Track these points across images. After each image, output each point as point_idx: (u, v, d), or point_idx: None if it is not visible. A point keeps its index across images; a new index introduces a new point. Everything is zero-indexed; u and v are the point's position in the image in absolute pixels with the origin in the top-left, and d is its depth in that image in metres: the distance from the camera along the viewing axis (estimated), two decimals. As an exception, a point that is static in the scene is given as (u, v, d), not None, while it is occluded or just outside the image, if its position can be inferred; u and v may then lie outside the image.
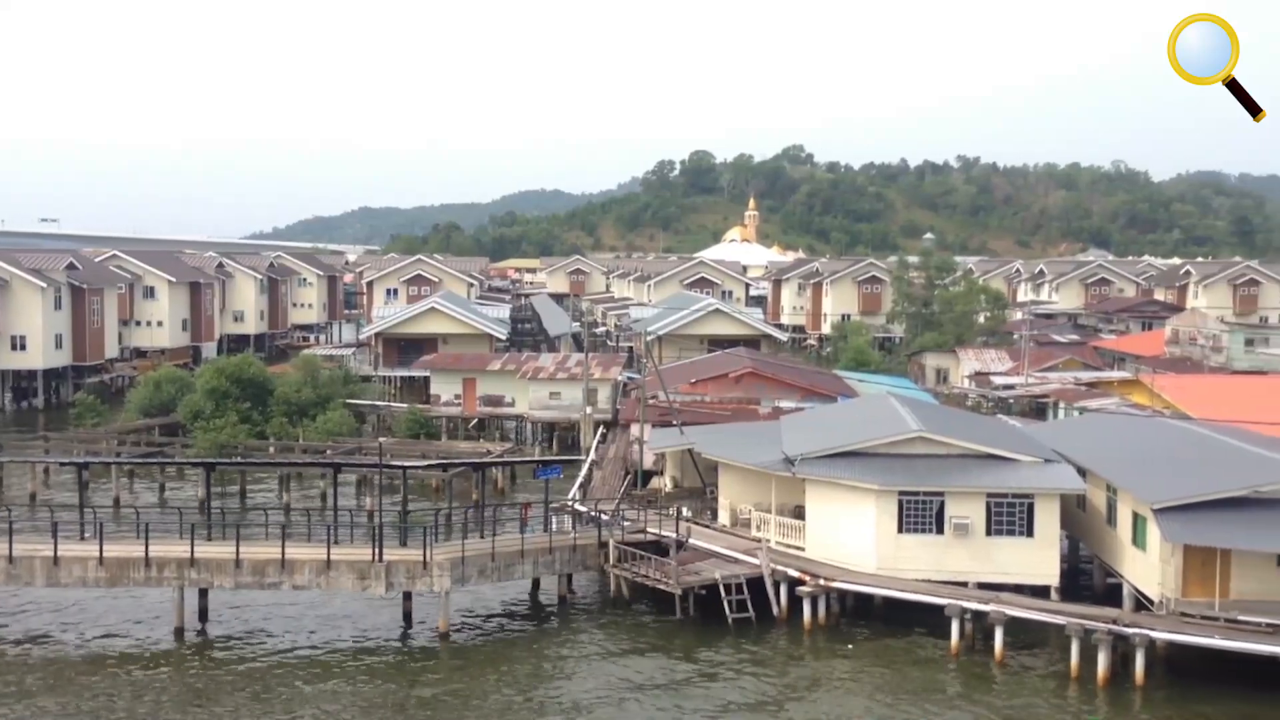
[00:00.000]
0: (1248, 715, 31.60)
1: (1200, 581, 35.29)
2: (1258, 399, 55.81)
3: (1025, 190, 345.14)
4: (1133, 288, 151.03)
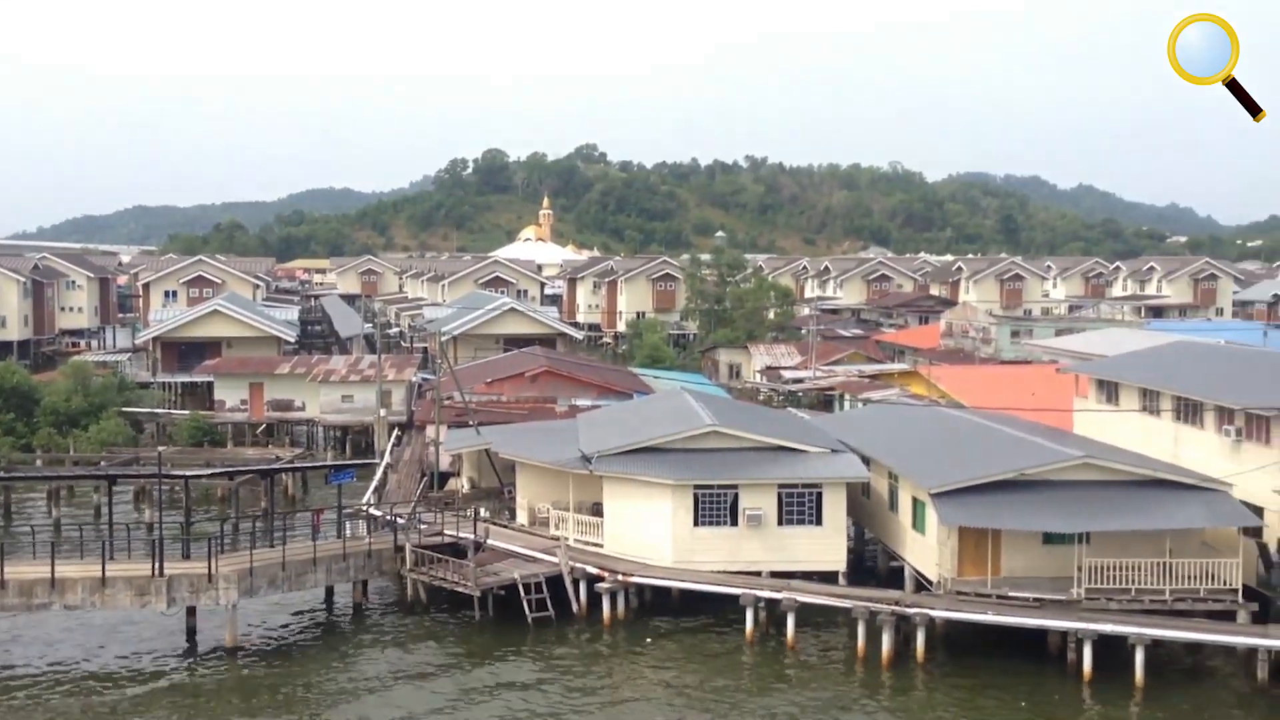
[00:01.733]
0: (1018, 684, 33.52)
1: (974, 561, 37.25)
2: (1023, 387, 59.33)
3: (811, 190, 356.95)
4: (911, 283, 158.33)
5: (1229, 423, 40.44)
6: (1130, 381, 48.19)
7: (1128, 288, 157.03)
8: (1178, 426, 44.04)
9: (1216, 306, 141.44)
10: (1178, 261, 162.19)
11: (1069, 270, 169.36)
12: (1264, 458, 37.90)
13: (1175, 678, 34.11)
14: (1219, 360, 50.23)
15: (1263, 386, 41.11)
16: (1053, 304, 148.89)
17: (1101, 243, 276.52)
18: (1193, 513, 36.21)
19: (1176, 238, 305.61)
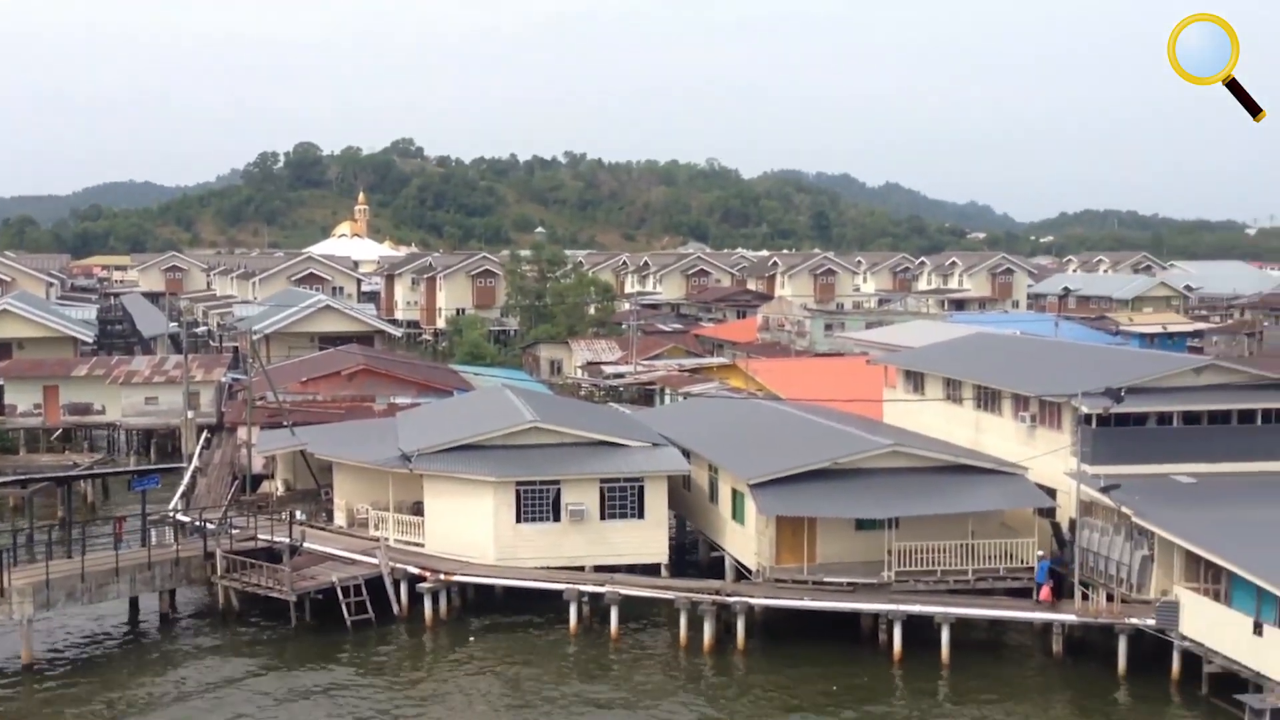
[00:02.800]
0: (832, 666, 34.57)
1: (792, 549, 38.23)
2: (837, 378, 61.14)
3: (630, 185, 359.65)
4: (728, 278, 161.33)
5: (1024, 409, 42.59)
6: (935, 372, 50.24)
7: (932, 282, 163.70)
8: (978, 414, 46.16)
9: (1013, 299, 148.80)
10: (977, 257, 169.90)
11: (878, 265, 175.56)
12: (1056, 442, 40.07)
13: (979, 653, 35.75)
14: (1015, 350, 52.89)
15: (1054, 375, 43.42)
16: (863, 298, 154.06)
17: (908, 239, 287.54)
18: (993, 496, 38.04)
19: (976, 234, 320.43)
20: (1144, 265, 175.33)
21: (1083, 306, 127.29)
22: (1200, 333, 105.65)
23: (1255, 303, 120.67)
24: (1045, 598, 35.75)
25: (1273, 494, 36.75)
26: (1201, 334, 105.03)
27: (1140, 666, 33.36)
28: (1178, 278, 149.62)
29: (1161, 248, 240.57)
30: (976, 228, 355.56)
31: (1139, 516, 35.27)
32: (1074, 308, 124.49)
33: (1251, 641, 30.18)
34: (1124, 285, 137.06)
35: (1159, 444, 38.84)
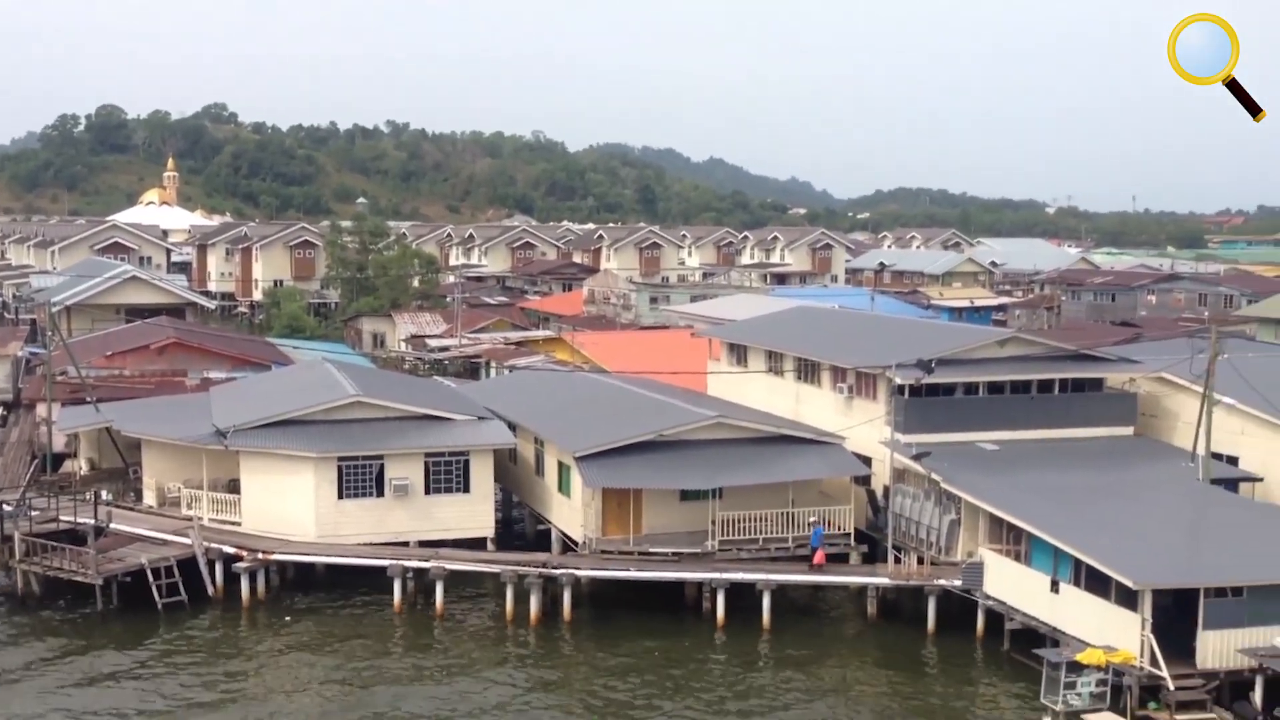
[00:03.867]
0: (657, 634, 35.06)
1: (617, 521, 38.53)
2: (662, 351, 61.80)
3: (454, 157, 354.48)
4: (554, 251, 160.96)
5: (842, 381, 43.89)
6: (757, 344, 51.28)
7: (755, 256, 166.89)
8: (799, 385, 47.35)
9: (832, 274, 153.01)
10: (798, 232, 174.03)
11: (702, 239, 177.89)
12: (872, 412, 41.45)
13: (798, 618, 36.81)
14: (834, 324, 54.42)
15: (871, 347, 44.88)
16: (688, 271, 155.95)
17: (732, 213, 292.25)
18: (812, 465, 39.14)
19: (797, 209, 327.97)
20: (953, 242, 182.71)
21: (897, 281, 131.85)
22: (1004, 306, 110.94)
23: (1054, 278, 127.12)
24: (819, 561, 36.72)
25: (1069, 459, 38.93)
26: (1005, 308, 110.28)
27: (948, 625, 34.92)
28: (984, 254, 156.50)
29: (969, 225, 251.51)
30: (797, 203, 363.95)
31: (947, 483, 36.85)
32: (889, 282, 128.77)
33: (1049, 599, 31.93)
34: (935, 261, 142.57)
35: (966, 413, 40.63)
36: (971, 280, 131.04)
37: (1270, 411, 38.44)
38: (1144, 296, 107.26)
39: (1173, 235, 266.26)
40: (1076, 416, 41.29)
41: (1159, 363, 43.34)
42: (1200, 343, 40.81)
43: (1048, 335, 60.29)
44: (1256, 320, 78.79)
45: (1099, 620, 29.93)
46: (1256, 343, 61.84)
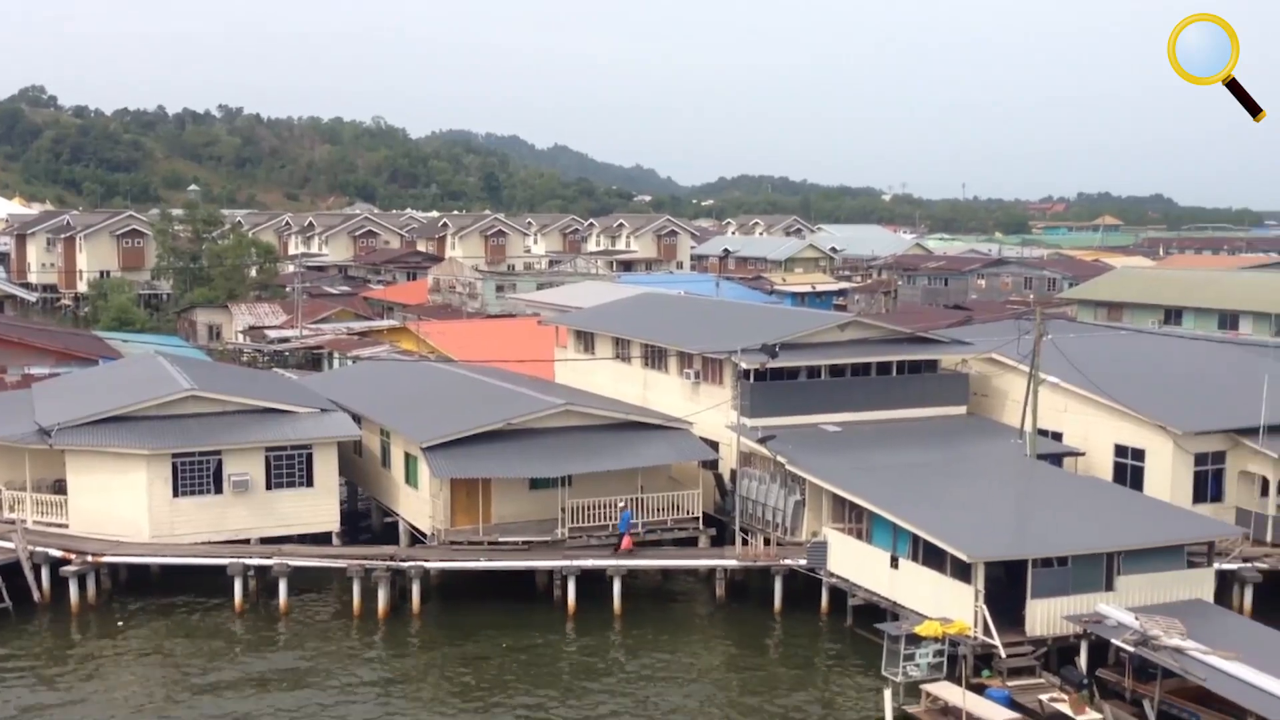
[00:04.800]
0: (508, 624, 34.89)
1: (466, 511, 38.19)
2: (509, 340, 61.37)
3: (291, 143, 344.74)
4: (398, 239, 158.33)
5: (689, 366, 44.36)
6: (604, 331, 51.41)
7: (601, 243, 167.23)
8: (646, 372, 47.67)
9: (677, 260, 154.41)
10: (644, 219, 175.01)
11: (548, 227, 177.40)
12: (718, 397, 42.02)
13: (649, 602, 37.12)
14: (680, 310, 54.94)
15: (716, 333, 45.47)
16: (534, 259, 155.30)
17: (577, 200, 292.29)
18: (661, 451, 39.48)
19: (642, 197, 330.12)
20: (795, 228, 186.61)
21: (741, 267, 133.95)
22: (844, 291, 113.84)
23: (890, 263, 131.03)
24: (627, 546, 36.87)
25: (907, 439, 40.20)
26: (845, 292, 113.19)
27: (794, 603, 35.71)
28: (824, 240, 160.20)
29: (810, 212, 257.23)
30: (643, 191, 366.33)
31: (792, 465, 37.64)
32: (733, 268, 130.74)
33: (889, 575, 32.95)
34: (778, 247, 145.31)
35: (809, 396, 41.54)
36: (813, 266, 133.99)
37: (1090, 389, 40.41)
38: (974, 281, 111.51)
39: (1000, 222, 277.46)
40: (913, 397, 42.65)
41: (988, 344, 45.09)
42: (1026, 324, 42.56)
43: (885, 319, 62.05)
44: (1077, 302, 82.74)
45: (936, 593, 31.02)
46: (1077, 324, 64.97)
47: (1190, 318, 74.36)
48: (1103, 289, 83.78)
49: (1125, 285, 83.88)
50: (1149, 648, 27.66)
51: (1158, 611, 29.40)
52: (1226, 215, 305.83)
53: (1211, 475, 38.76)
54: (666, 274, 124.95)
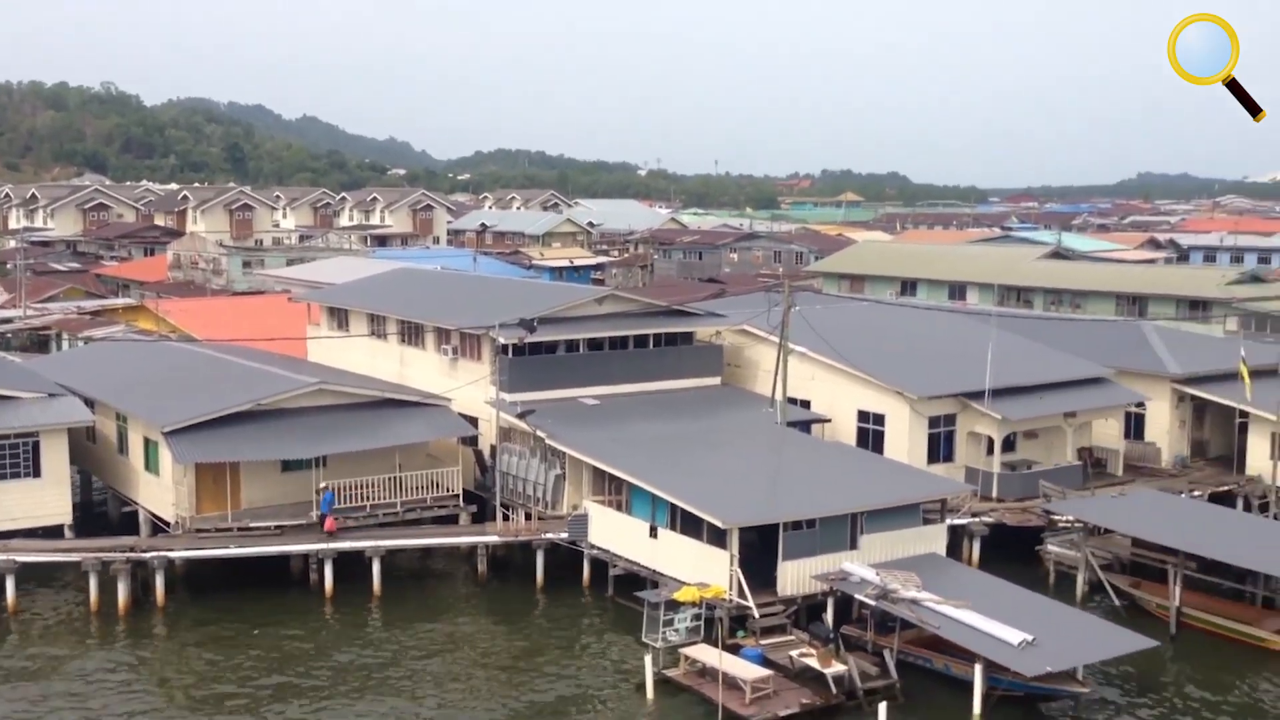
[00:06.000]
0: (262, 611, 33.64)
1: (214, 497, 36.55)
2: (257, 317, 59.02)
3: (10, 109, 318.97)
4: (133, 213, 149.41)
5: (446, 342, 43.81)
6: (359, 308, 50.10)
7: (354, 218, 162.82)
8: (403, 348, 46.78)
9: (434, 235, 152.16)
10: (398, 193, 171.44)
11: (298, 200, 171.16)
12: (477, 373, 41.70)
13: (410, 582, 36.57)
14: (437, 285, 54.18)
15: (474, 308, 45.04)
16: (283, 234, 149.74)
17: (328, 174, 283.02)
18: (418, 428, 38.89)
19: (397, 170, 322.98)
20: (552, 203, 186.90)
21: (499, 242, 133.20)
22: (602, 265, 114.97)
23: (647, 237, 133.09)
24: (329, 529, 35.74)
25: (664, 410, 41.03)
26: (603, 266, 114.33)
27: (556, 577, 35.94)
28: (582, 215, 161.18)
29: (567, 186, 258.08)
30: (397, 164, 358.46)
31: (551, 439, 37.80)
32: (491, 243, 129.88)
33: (649, 544, 33.61)
34: (535, 222, 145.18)
35: (568, 370, 41.79)
36: (571, 240, 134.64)
37: (835, 358, 42.31)
38: (727, 254, 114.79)
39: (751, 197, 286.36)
40: (670, 369, 43.55)
41: (741, 316, 46.50)
42: (776, 297, 44.13)
43: (642, 293, 63.11)
44: (823, 275, 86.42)
45: (694, 560, 31.86)
46: (824, 295, 67.86)
47: (924, 289, 78.99)
48: (846, 262, 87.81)
49: (866, 258, 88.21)
50: (888, 601, 29.30)
51: (897, 566, 31.19)
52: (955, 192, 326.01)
53: (944, 437, 41.34)
54: (423, 249, 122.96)
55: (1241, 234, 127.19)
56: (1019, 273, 75.99)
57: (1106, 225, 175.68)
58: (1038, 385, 42.58)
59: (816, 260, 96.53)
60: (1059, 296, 72.08)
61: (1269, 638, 31.45)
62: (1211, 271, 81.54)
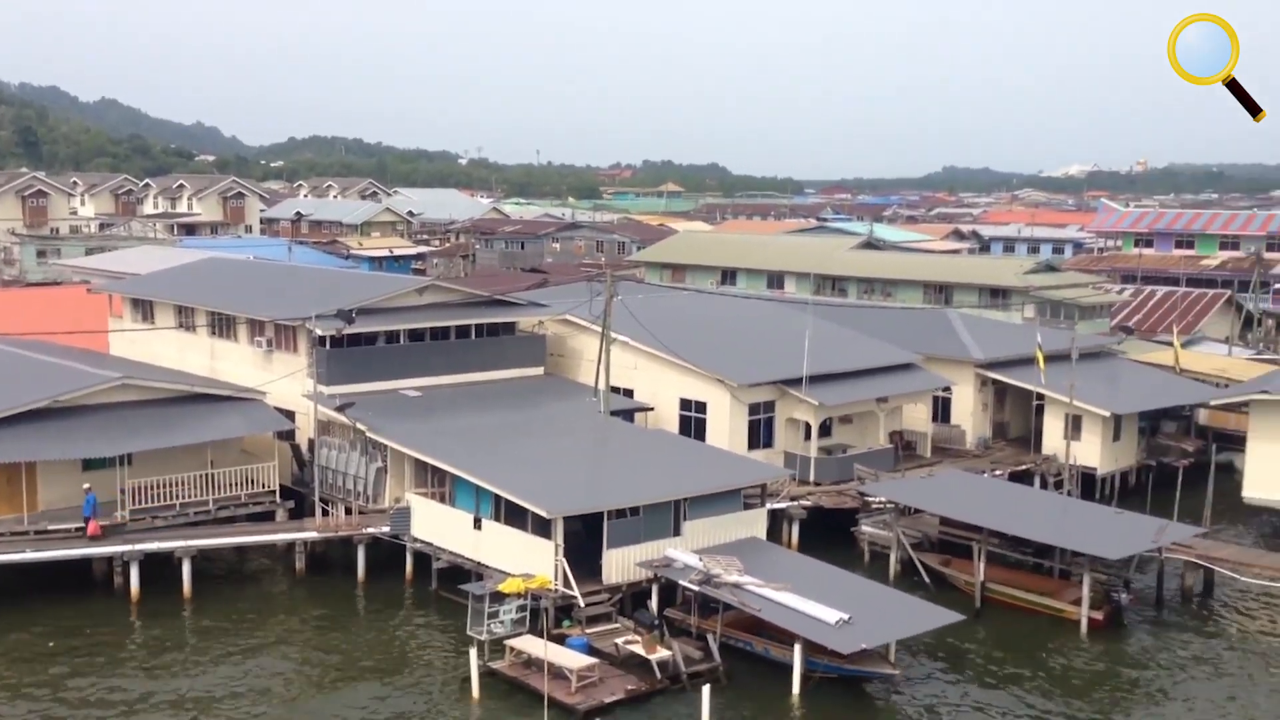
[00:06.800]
0: (63, 619, 31.96)
1: (7, 499, 34.57)
2: (54, 310, 55.95)
3: None
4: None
5: (260, 334, 42.39)
6: (166, 299, 48.02)
7: (159, 205, 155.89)
8: (214, 341, 45.06)
9: (246, 224, 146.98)
10: (207, 180, 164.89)
11: (98, 187, 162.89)
12: (293, 365, 40.49)
13: (224, 583, 35.32)
14: (250, 275, 52.35)
15: (290, 299, 43.73)
16: (82, 222, 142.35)
17: (130, 159, 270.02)
18: (231, 423, 37.56)
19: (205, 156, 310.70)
20: (371, 192, 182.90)
21: (315, 231, 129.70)
22: (423, 255, 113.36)
23: (468, 227, 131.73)
24: (93, 533, 34.09)
25: (487, 401, 40.72)
26: (424, 256, 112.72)
27: (379, 572, 35.28)
28: (401, 204, 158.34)
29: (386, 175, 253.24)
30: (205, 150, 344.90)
31: (372, 432, 37.06)
32: (307, 232, 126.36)
33: (473, 536, 33.32)
34: (353, 211, 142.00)
35: (389, 361, 41.01)
36: (390, 230, 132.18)
37: (657, 347, 42.75)
38: (549, 244, 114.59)
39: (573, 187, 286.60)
40: (492, 360, 43.20)
41: (563, 306, 46.50)
42: (598, 287, 44.27)
43: (464, 283, 62.36)
44: (645, 264, 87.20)
45: (519, 551, 31.73)
46: (646, 285, 68.51)
47: (743, 278, 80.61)
48: (667, 252, 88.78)
49: (687, 248, 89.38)
50: (711, 585, 29.81)
51: (719, 551, 31.77)
52: (773, 183, 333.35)
53: (763, 423, 42.28)
54: (234, 238, 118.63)
55: (1038, 226, 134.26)
56: (834, 262, 78.27)
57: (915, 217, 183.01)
58: (852, 372, 43.96)
59: (638, 250, 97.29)
60: (871, 285, 74.59)
61: (1066, 608, 33.27)
62: (1010, 261, 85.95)
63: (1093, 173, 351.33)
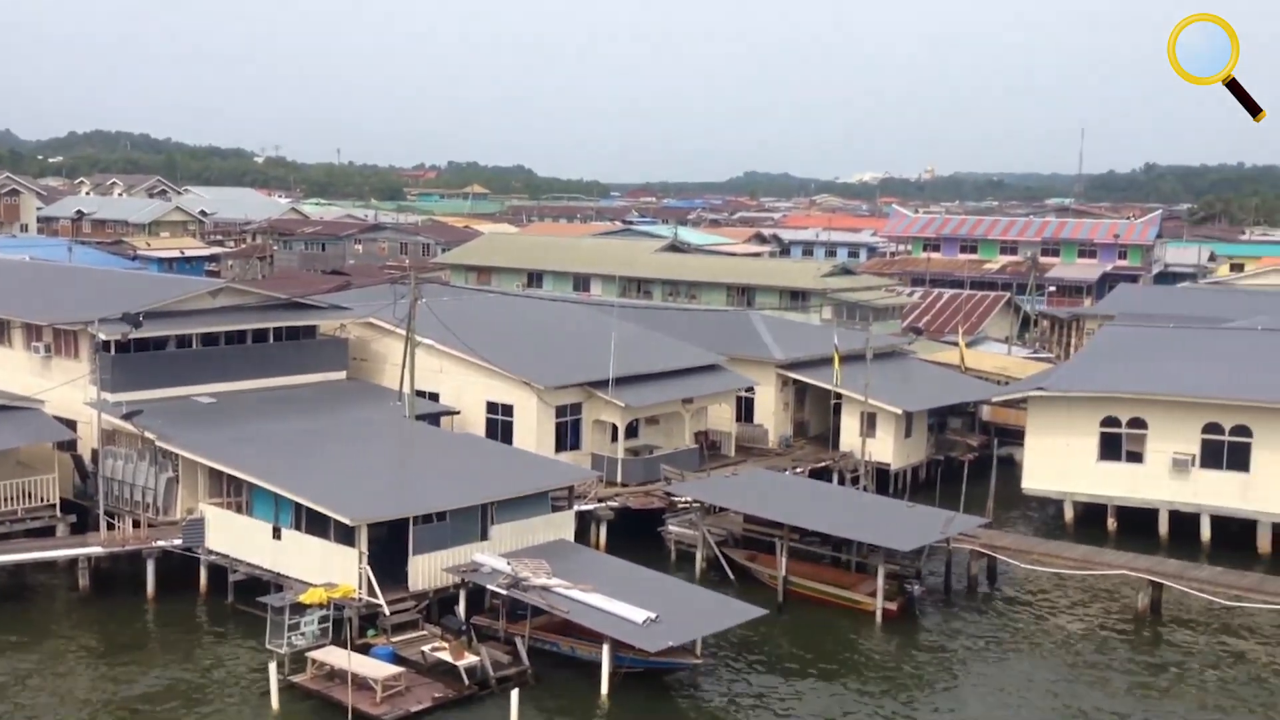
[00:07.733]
0: None
1: None
2: None
3: None
4: None
5: (38, 339, 40.03)
6: (-70, 301, 44.72)
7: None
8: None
9: (21, 223, 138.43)
10: None
11: None
12: (75, 371, 38.35)
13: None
14: (26, 277, 49.34)
15: (70, 302, 41.40)
16: None
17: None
18: (5, 433, 35.33)
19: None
20: (159, 190, 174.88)
21: (99, 230, 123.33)
22: (217, 257, 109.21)
23: (265, 228, 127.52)
24: None
25: (287, 407, 39.48)
26: (218, 258, 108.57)
27: (170, 587, 33.72)
28: (193, 203, 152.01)
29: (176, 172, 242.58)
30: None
31: (162, 440, 35.45)
32: (89, 231, 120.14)
33: (272, 546, 32.22)
34: (141, 209, 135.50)
35: (180, 367, 39.31)
36: (181, 230, 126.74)
37: (463, 350, 42.32)
38: (352, 245, 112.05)
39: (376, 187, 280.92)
40: (292, 364, 41.91)
41: (367, 309, 45.54)
42: (403, 289, 43.52)
43: (261, 285, 60.43)
44: (450, 266, 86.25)
45: (321, 560, 30.86)
46: (451, 287, 67.77)
47: (550, 280, 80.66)
48: (473, 254, 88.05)
49: (493, 250, 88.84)
50: (519, 589, 29.67)
51: (527, 554, 31.65)
52: (579, 186, 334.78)
53: (571, 425, 42.37)
54: (8, 237, 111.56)
55: (834, 230, 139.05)
56: (639, 265, 79.17)
57: (718, 220, 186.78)
58: (658, 373, 44.53)
59: (444, 252, 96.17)
60: (676, 288, 75.77)
61: (863, 600, 34.52)
62: (809, 264, 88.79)
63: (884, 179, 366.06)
